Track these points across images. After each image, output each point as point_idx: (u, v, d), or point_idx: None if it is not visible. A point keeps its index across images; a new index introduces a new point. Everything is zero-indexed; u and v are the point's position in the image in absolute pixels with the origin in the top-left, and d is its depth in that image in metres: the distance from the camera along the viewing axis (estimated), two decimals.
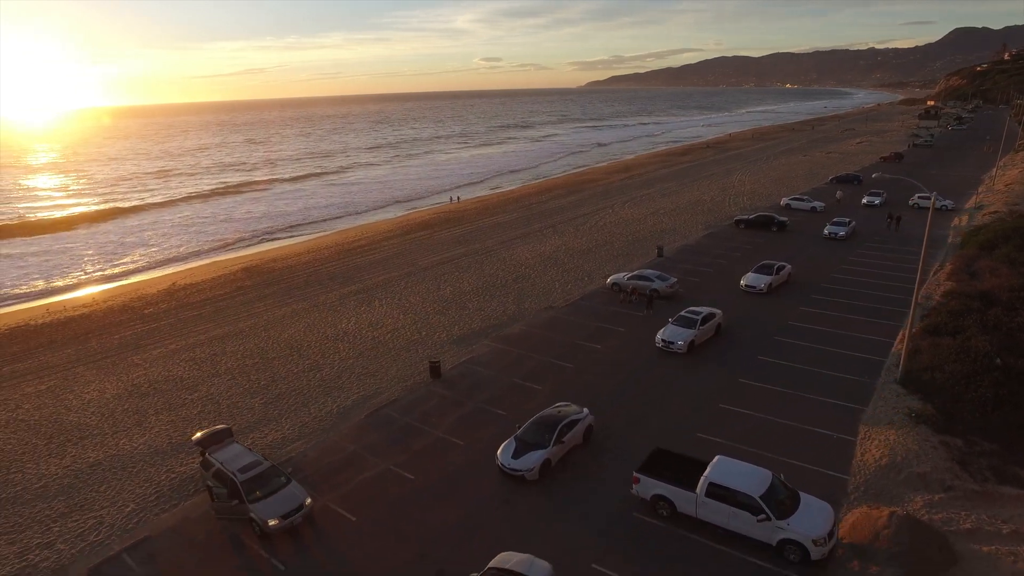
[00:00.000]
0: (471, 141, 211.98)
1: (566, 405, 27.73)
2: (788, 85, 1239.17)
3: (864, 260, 52.50)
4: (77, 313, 56.27)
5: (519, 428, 26.25)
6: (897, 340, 35.13)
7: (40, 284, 68.46)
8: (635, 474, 22.51)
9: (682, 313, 36.97)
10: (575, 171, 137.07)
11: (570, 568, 19.97)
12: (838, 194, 78.19)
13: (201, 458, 24.75)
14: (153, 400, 34.77)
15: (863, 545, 19.90)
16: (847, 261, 52.33)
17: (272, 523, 21.53)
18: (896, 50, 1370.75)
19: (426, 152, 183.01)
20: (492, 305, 45.50)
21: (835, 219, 61.52)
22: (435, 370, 33.45)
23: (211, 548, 21.99)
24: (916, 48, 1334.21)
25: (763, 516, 19.87)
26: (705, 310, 37.05)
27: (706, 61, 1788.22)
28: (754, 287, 44.24)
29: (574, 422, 26.13)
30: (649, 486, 22.12)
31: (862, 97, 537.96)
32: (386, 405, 31.22)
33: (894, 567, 18.80)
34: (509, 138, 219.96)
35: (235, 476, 22.44)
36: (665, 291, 44.01)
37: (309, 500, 22.70)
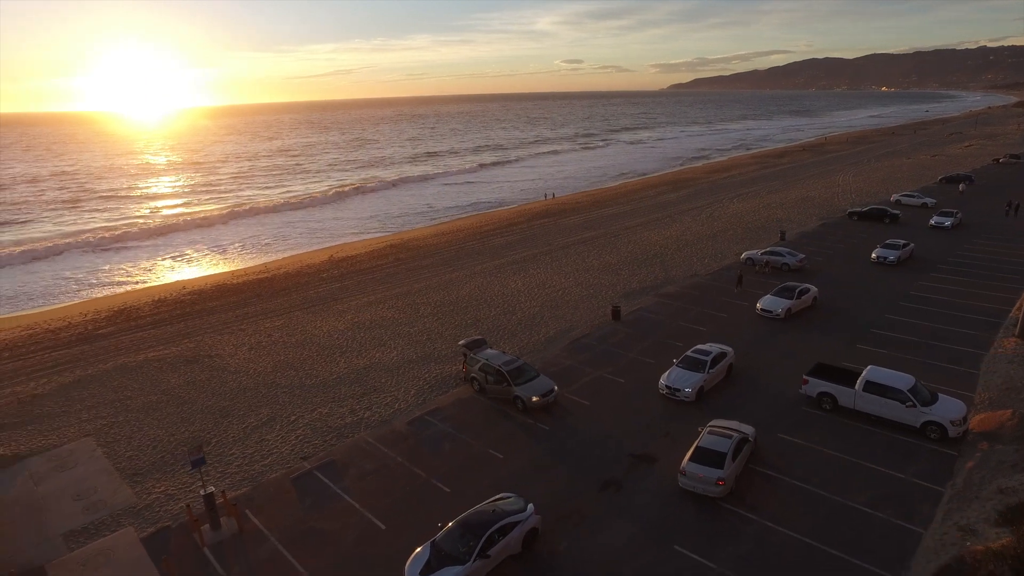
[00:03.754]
0: (575, 144, 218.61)
1: (508, 498, 22.36)
2: (884, 88, 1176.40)
3: (977, 248, 57.25)
4: (259, 277, 67.27)
5: (440, 529, 22.17)
6: (1015, 306, 40.64)
7: (217, 258, 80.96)
8: (804, 377, 29.79)
9: (688, 354, 32.48)
10: (673, 170, 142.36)
11: (765, 434, 27.56)
12: (961, 187, 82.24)
13: (465, 358, 33.64)
14: (378, 332, 44.30)
15: (990, 432, 26.42)
16: (961, 247, 57.33)
17: (534, 399, 30.08)
18: (1012, 48, 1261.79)
19: (536, 155, 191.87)
20: (642, 273, 53.24)
21: (942, 210, 66.11)
22: (616, 313, 41.58)
23: (488, 415, 30.77)
24: None
25: (911, 403, 26.77)
26: (715, 349, 32.60)
27: (795, 63, 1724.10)
28: (770, 311, 40.78)
29: (510, 526, 20.80)
30: (816, 385, 29.36)
31: (971, 100, 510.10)
32: (581, 337, 39.60)
33: (1016, 444, 25.28)
34: (606, 141, 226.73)
35: (501, 367, 31.15)
36: (795, 265, 50.52)
37: (556, 388, 31.15)
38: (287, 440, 29.64)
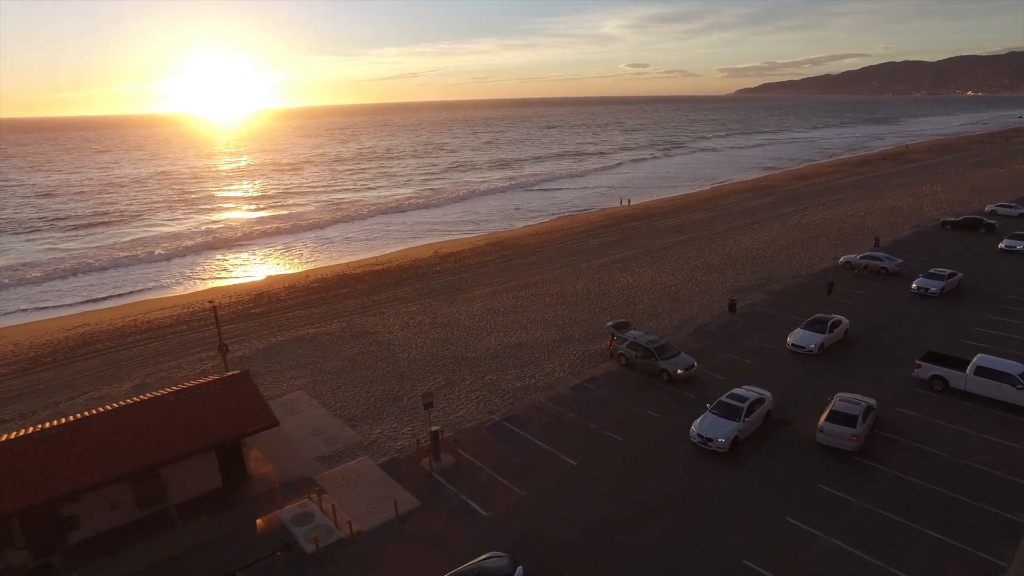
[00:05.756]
0: (647, 151, 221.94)
1: (498, 557, 21.75)
2: (970, 92, 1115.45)
3: None
4: (375, 269, 74.28)
5: None
6: None
7: (328, 252, 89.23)
8: (917, 361, 34.09)
9: (723, 399, 30.64)
10: (752, 178, 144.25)
11: (884, 407, 32.10)
12: None
13: (612, 337, 39.23)
14: (515, 317, 50.23)
15: None
16: None
17: (679, 372, 35.42)
18: None
19: (609, 161, 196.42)
20: (746, 273, 57.68)
21: (1015, 232, 63.40)
22: (732, 306, 46.43)
23: (638, 385, 36.23)
24: None
25: (1021, 386, 30.81)
26: (752, 394, 30.75)
27: (870, 67, 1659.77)
28: (802, 347, 38.98)
29: None
30: (928, 369, 33.66)
31: None
32: (703, 326, 44.68)
33: None
34: (678, 147, 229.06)
35: (648, 345, 36.59)
36: (894, 269, 54.02)
37: (695, 364, 36.37)
38: (469, 399, 35.81)
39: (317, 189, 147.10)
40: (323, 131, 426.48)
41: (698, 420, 29.90)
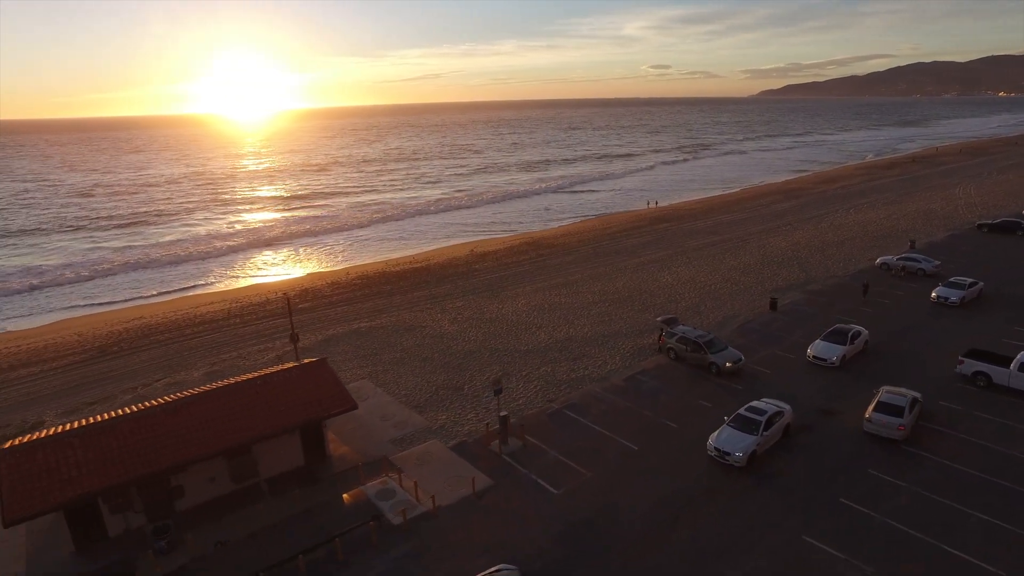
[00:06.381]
0: (672, 154, 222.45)
1: (509, 569, 22.05)
2: (1002, 93, 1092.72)
3: None
4: (414, 267, 76.54)
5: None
6: None
7: (365, 251, 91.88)
8: (960, 358, 35.45)
9: (741, 412, 30.34)
10: (779, 181, 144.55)
11: (928, 401, 33.56)
12: None
13: (662, 331, 41.02)
14: (560, 313, 52.13)
15: None
16: None
17: (728, 365, 37.14)
18: None
19: (635, 164, 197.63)
20: (783, 273, 59.07)
21: None
22: (773, 304, 47.99)
23: (688, 377, 38.02)
24: None
25: None
26: (770, 408, 30.33)
27: (897, 68, 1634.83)
28: (824, 359, 38.25)
29: None
30: (971, 366, 35.01)
31: None
32: (746, 323, 46.30)
33: None
34: (704, 149, 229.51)
35: (698, 339, 38.36)
36: (931, 271, 55.09)
37: (743, 357, 38.06)
38: (527, 389, 37.84)
39: (347, 190, 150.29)
40: (347, 132, 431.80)
41: (715, 433, 29.41)
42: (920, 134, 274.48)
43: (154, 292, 76.25)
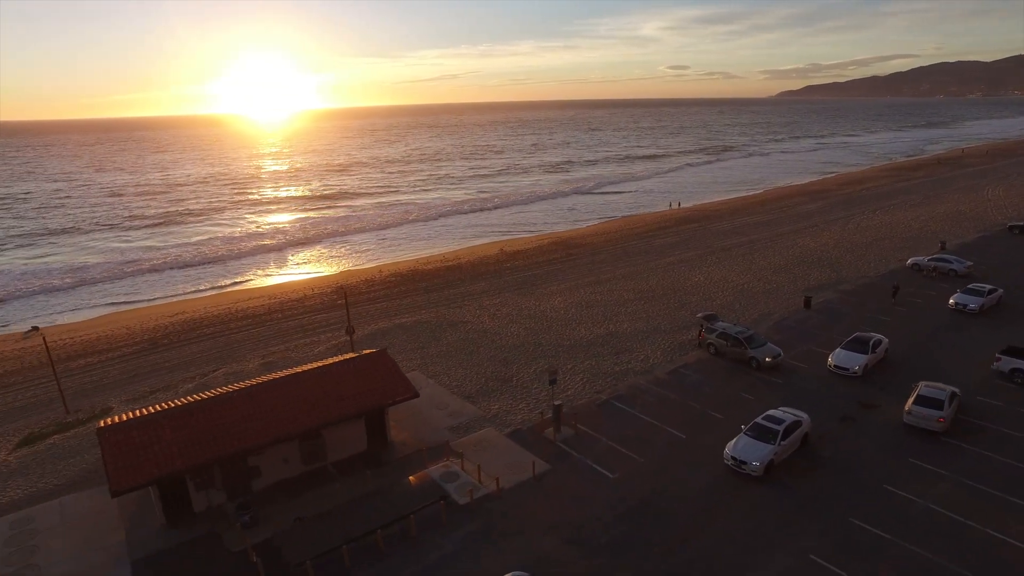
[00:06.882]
0: (694, 156, 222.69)
1: None
2: None
3: None
4: (446, 265, 78.31)
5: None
6: None
7: (395, 249, 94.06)
8: (997, 355, 36.53)
9: (758, 421, 30.01)
10: (802, 183, 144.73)
11: (966, 395, 34.71)
12: None
13: (702, 327, 42.45)
14: (599, 310, 53.58)
15: None
16: None
17: (768, 359, 38.53)
18: None
19: (657, 166, 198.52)
20: (814, 273, 60.12)
21: None
22: (808, 303, 49.21)
23: (729, 371, 39.40)
24: None
25: None
26: (788, 417, 30.06)
27: (920, 68, 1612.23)
28: (846, 369, 37.55)
29: None
30: (1008, 363, 36.08)
31: None
32: (781, 320, 47.56)
33: None
34: (726, 150, 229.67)
35: (738, 335, 39.77)
36: (963, 271, 55.89)
37: (782, 353, 39.41)
38: (574, 381, 39.44)
39: (371, 191, 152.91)
40: (367, 132, 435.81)
41: (732, 442, 29.21)
42: (945, 135, 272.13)
43: (192, 289, 78.92)
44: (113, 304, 74.79)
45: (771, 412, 30.57)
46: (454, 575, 23.60)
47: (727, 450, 28.97)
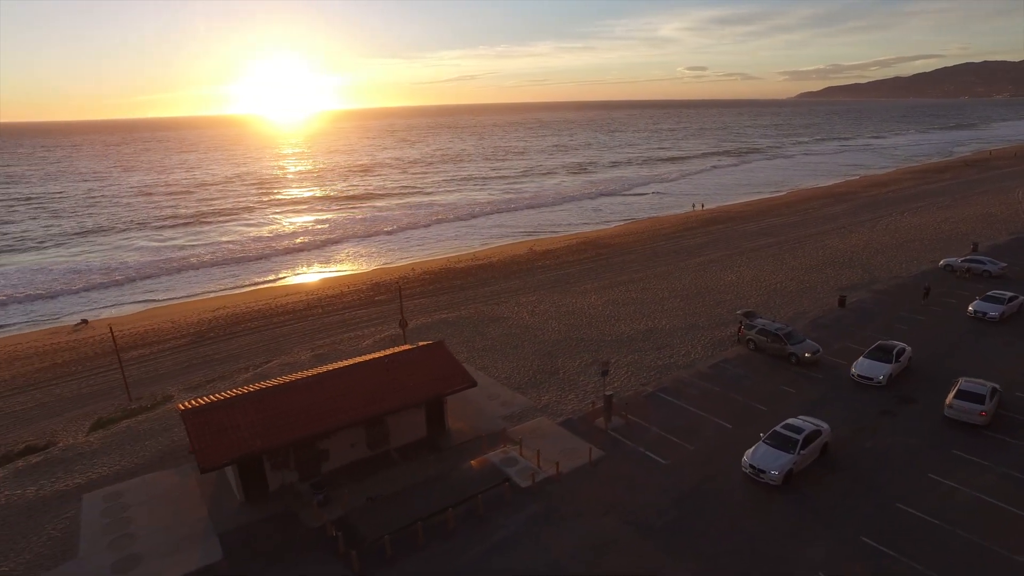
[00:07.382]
0: (717, 158, 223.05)
1: None
2: None
3: None
4: (477, 264, 79.87)
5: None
6: None
7: (424, 248, 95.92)
8: None
9: (777, 429, 29.87)
10: (826, 185, 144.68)
11: (1007, 388, 35.72)
12: None
13: (741, 323, 43.73)
14: (635, 307, 54.91)
15: None
16: None
17: (807, 355, 39.74)
18: None
19: (681, 168, 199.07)
20: (846, 273, 61.04)
21: None
22: (842, 301, 50.26)
23: (769, 366, 40.63)
24: None
25: None
26: (808, 426, 29.79)
27: (944, 69, 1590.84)
28: (870, 378, 36.88)
29: None
30: None
31: None
32: (817, 318, 48.67)
33: None
34: (749, 152, 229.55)
35: (778, 331, 41.01)
36: (997, 272, 56.54)
37: (820, 349, 40.59)
38: (619, 373, 40.89)
39: (396, 191, 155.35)
40: (387, 133, 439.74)
41: (751, 450, 29.09)
42: (972, 137, 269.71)
43: (230, 285, 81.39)
44: (154, 300, 77.28)
45: (791, 421, 30.48)
46: (519, 553, 25.11)
47: (745, 458, 28.83)
